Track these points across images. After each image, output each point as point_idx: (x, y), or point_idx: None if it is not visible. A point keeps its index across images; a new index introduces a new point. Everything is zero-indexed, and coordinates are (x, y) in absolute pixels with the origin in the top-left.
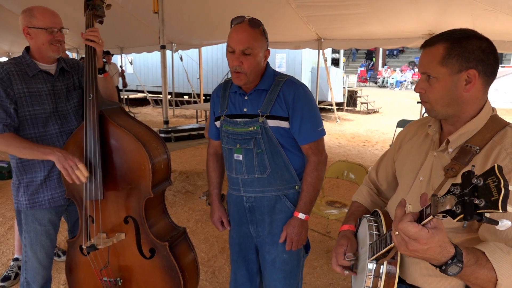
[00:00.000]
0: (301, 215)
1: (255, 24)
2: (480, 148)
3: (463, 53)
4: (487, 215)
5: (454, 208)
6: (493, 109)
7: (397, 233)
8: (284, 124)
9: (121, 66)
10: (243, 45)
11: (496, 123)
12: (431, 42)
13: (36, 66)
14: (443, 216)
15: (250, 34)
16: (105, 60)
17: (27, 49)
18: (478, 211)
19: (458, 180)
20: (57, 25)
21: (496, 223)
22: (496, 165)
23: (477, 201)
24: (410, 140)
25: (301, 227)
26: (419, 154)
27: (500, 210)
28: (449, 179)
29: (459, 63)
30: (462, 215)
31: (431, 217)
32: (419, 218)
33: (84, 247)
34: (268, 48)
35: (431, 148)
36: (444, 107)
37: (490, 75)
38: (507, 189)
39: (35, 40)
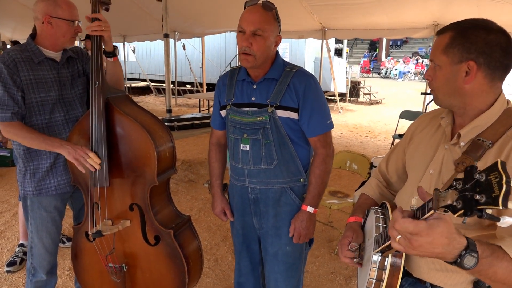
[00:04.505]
0: (310, 209)
1: (268, 7)
2: (493, 142)
3: (465, 43)
4: (489, 211)
5: (455, 203)
6: (508, 102)
7: (398, 237)
8: (293, 115)
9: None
10: (254, 26)
11: (510, 117)
12: (442, 30)
13: (41, 53)
14: (445, 211)
15: (262, 15)
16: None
17: (32, 36)
18: (478, 207)
19: None
20: (78, 18)
21: (498, 219)
22: (499, 160)
23: (477, 197)
24: (422, 131)
25: (309, 221)
26: (430, 146)
27: (500, 207)
28: (459, 173)
29: (460, 53)
30: (462, 211)
31: (432, 211)
32: (422, 212)
33: (90, 233)
34: (280, 34)
35: (442, 140)
36: (445, 96)
37: (495, 69)
38: (508, 185)
39: (56, 30)
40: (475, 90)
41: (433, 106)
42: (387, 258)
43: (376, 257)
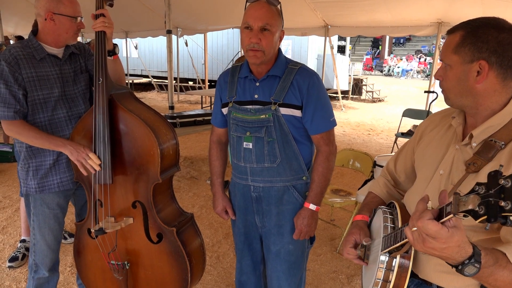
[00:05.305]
0: (312, 206)
1: (273, 2)
2: (506, 143)
3: (476, 42)
4: None
5: (477, 209)
6: None
7: (414, 229)
8: (297, 113)
9: None
10: (262, 21)
11: None
12: (452, 29)
13: (43, 50)
14: (464, 216)
15: (268, 11)
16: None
17: (34, 32)
18: (503, 214)
19: (480, 176)
20: (81, 14)
21: None
22: None
23: (503, 203)
24: (432, 131)
25: (311, 219)
26: (440, 146)
27: None
28: (470, 174)
29: (471, 52)
30: (485, 217)
31: (451, 215)
32: (439, 215)
33: (92, 230)
34: (283, 29)
35: (453, 140)
36: (457, 97)
37: (507, 68)
38: None
39: (59, 26)
40: (487, 90)
41: (436, 105)
42: (395, 259)
43: (384, 257)
